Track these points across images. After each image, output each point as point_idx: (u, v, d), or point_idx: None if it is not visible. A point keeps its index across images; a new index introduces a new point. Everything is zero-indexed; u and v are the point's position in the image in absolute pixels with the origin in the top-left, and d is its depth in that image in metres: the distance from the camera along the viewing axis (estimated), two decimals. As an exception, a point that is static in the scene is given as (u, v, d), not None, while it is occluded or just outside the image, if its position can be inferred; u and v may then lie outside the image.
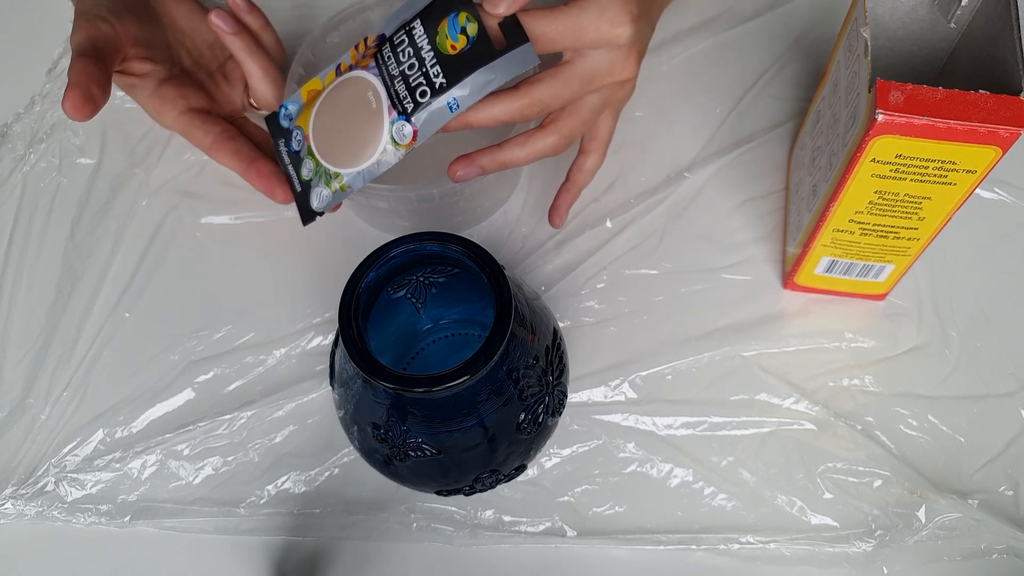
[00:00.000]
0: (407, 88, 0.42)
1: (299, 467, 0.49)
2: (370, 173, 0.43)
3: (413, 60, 0.42)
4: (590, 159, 0.49)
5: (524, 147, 0.45)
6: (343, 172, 0.44)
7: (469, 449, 0.41)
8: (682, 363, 0.51)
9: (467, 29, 0.41)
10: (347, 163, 0.44)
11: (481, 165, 0.45)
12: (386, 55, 0.43)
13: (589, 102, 0.45)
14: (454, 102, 0.41)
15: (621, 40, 0.43)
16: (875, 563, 0.45)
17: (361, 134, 0.43)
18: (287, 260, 0.55)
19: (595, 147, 0.48)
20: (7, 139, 0.60)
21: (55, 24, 0.65)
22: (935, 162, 0.39)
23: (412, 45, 0.42)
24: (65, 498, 0.49)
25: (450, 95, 0.41)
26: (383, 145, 0.42)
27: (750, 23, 0.62)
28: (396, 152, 0.42)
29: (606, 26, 0.42)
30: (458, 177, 0.45)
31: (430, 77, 0.41)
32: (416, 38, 0.42)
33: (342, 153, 0.44)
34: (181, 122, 0.50)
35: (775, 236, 0.54)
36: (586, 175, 0.50)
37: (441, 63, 0.41)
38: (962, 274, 0.53)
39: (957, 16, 0.44)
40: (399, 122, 0.42)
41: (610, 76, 0.44)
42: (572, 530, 0.47)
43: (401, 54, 0.42)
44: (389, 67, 0.42)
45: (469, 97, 0.41)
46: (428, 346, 0.51)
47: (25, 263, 0.56)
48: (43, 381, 0.52)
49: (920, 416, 0.49)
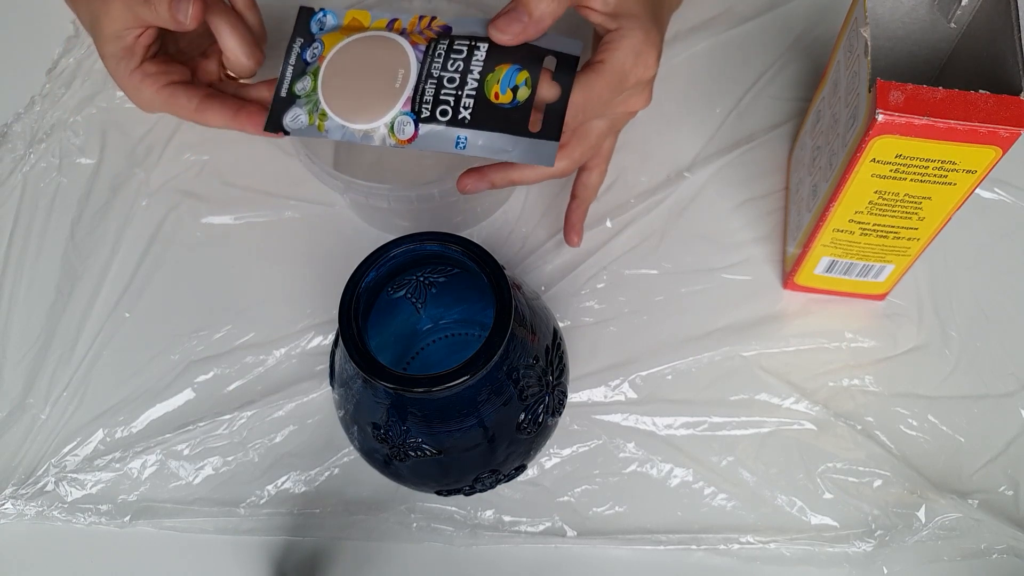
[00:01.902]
0: (434, 95, 0.41)
1: (299, 467, 0.49)
2: (352, 136, 0.42)
3: (456, 77, 0.41)
4: (593, 175, 0.50)
5: (534, 168, 0.46)
6: (332, 117, 0.42)
7: (469, 449, 0.41)
8: (682, 363, 0.51)
9: (519, 91, 0.40)
10: (340, 113, 0.42)
11: (491, 181, 0.46)
12: (438, 51, 0.41)
13: (597, 128, 0.46)
14: (463, 142, 0.40)
15: (647, 79, 0.44)
16: (875, 563, 0.45)
17: (368, 98, 0.42)
18: (287, 260, 0.55)
19: (597, 163, 0.50)
20: (7, 139, 0.60)
21: (55, 24, 0.65)
22: (935, 162, 0.39)
23: (465, 63, 0.41)
24: (65, 498, 0.49)
25: (465, 133, 0.40)
26: (380, 124, 0.41)
27: (750, 23, 0.62)
28: (386, 139, 0.41)
29: (641, 69, 0.43)
30: (467, 189, 0.46)
31: (460, 104, 0.40)
32: (473, 60, 0.41)
33: (342, 101, 0.42)
34: (163, 95, 0.49)
35: (775, 236, 0.54)
36: (591, 191, 0.51)
37: (477, 101, 0.40)
38: (962, 274, 0.53)
39: (957, 16, 0.44)
40: (407, 117, 0.41)
41: (624, 108, 0.46)
42: (572, 530, 0.47)
43: (451, 62, 0.41)
44: (433, 64, 0.41)
45: (478, 148, 0.40)
46: (428, 346, 0.51)
47: (25, 263, 0.56)
48: (43, 381, 0.52)
49: (920, 416, 0.49)
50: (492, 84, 0.40)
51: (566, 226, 0.51)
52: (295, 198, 0.57)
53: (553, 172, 0.46)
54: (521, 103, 0.40)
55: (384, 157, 0.57)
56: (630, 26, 0.43)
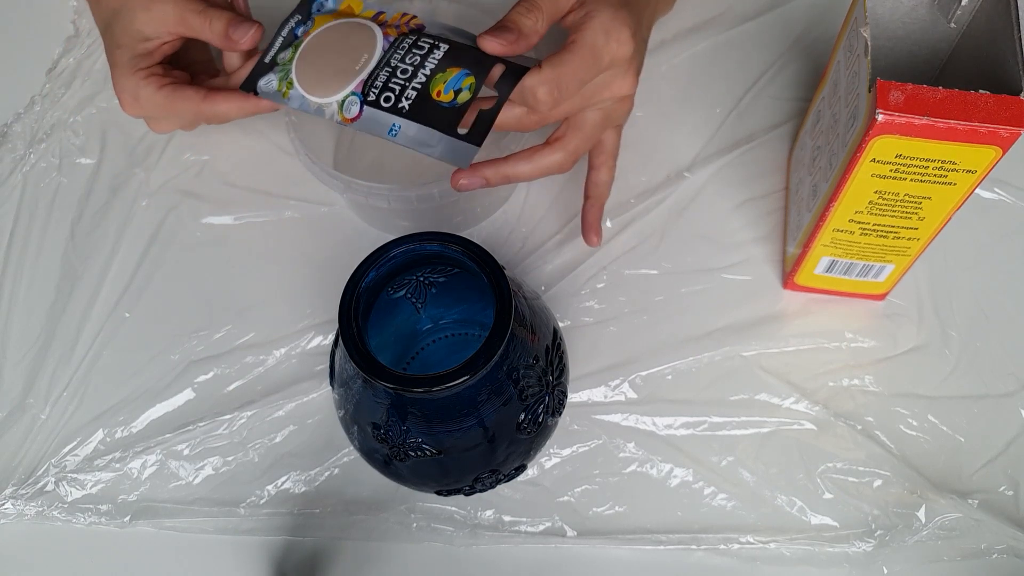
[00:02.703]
0: (384, 82, 0.43)
1: (299, 467, 0.49)
2: (307, 107, 0.45)
3: (409, 69, 0.43)
4: (602, 173, 0.50)
5: (530, 162, 0.46)
6: (296, 87, 0.45)
7: (469, 449, 0.41)
8: (682, 363, 0.51)
9: (460, 94, 0.42)
10: (303, 84, 0.45)
11: (485, 176, 0.46)
12: (403, 44, 0.44)
13: (590, 118, 0.46)
14: (396, 129, 0.42)
15: (624, 58, 0.44)
16: (875, 563, 0.45)
17: (330, 76, 0.44)
18: (287, 260, 0.55)
19: (603, 161, 0.49)
20: (7, 139, 0.60)
21: (55, 24, 0.65)
22: (935, 162, 0.39)
23: (422, 59, 0.43)
24: (65, 498, 0.49)
25: (399, 122, 0.42)
26: (333, 101, 0.44)
27: (750, 23, 0.62)
28: (333, 116, 0.44)
29: (614, 46, 0.43)
30: (461, 186, 0.45)
31: (403, 94, 0.43)
32: (429, 58, 0.43)
33: (308, 74, 0.45)
34: (165, 92, 0.49)
35: (775, 236, 0.54)
36: (602, 188, 0.50)
37: (420, 95, 0.42)
38: (962, 274, 0.53)
39: (957, 16, 0.44)
40: (355, 98, 0.43)
41: (609, 92, 0.45)
42: (572, 530, 0.47)
43: (410, 56, 0.43)
44: (395, 54, 0.44)
45: (408, 138, 0.42)
46: (428, 346, 0.51)
47: (25, 263, 0.56)
48: (43, 381, 0.52)
49: (920, 416, 0.49)
50: (438, 83, 0.42)
51: (584, 226, 0.51)
52: (295, 198, 0.57)
53: (551, 165, 0.46)
54: (458, 105, 0.42)
55: (384, 157, 0.57)
56: (597, 7, 0.43)
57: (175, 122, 0.52)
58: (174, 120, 0.52)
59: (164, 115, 0.51)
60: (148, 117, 0.52)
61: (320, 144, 0.56)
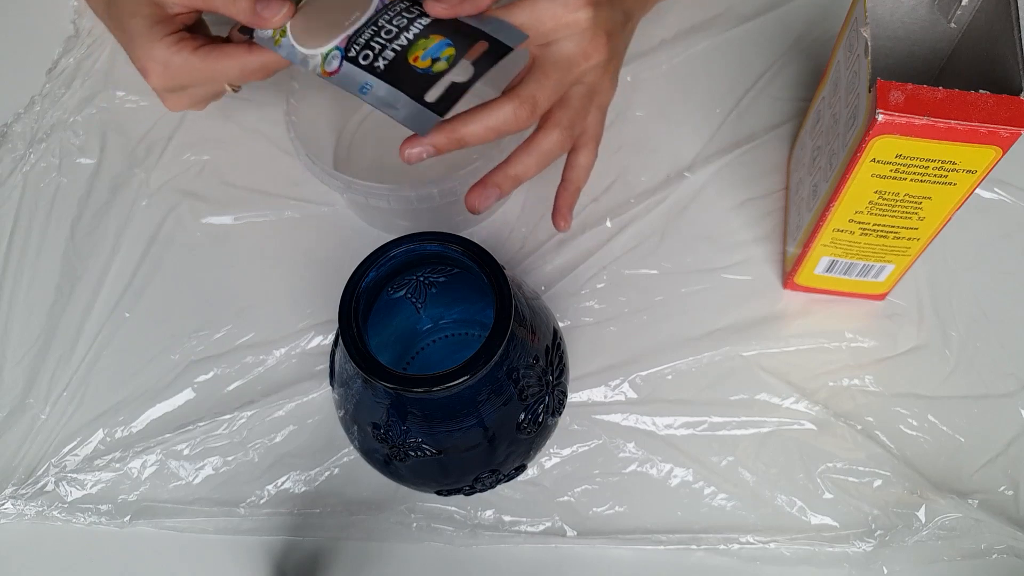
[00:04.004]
0: (367, 41, 0.43)
1: (299, 467, 0.49)
2: (294, 57, 0.44)
3: (393, 31, 0.42)
4: (581, 155, 0.48)
5: (532, 153, 0.45)
6: (288, 35, 0.45)
7: (469, 449, 0.41)
8: (682, 363, 0.51)
9: (437, 63, 0.41)
10: (294, 33, 0.45)
11: (498, 186, 0.44)
12: (396, 6, 0.43)
13: (576, 93, 0.45)
14: (367, 87, 0.42)
15: (582, 23, 0.43)
16: (875, 563, 0.45)
17: (320, 28, 0.44)
18: (287, 260, 0.55)
19: (584, 142, 0.47)
20: (7, 139, 0.60)
21: (55, 24, 0.65)
22: (935, 162, 0.39)
23: (409, 23, 0.43)
24: (65, 498, 0.49)
25: (371, 80, 0.42)
26: (318, 53, 0.43)
27: (750, 23, 0.62)
28: (315, 68, 0.43)
29: (561, 11, 0.42)
30: (476, 207, 0.44)
31: (380, 54, 0.42)
32: (416, 23, 0.42)
33: (301, 24, 0.45)
34: (201, 54, 0.46)
35: (775, 236, 0.54)
36: (580, 171, 0.48)
37: (397, 57, 0.42)
38: (962, 274, 0.53)
39: (957, 16, 0.44)
40: (337, 52, 0.43)
41: (585, 60, 0.44)
42: (572, 530, 0.47)
43: (398, 18, 0.43)
44: (384, 15, 0.43)
45: (376, 98, 0.41)
46: (428, 346, 0.51)
47: (25, 263, 0.56)
48: (43, 381, 0.52)
49: (920, 416, 0.49)
50: (418, 48, 0.42)
51: (554, 210, 0.49)
52: (295, 198, 0.57)
53: (552, 147, 0.45)
54: (432, 73, 0.41)
55: (384, 157, 0.57)
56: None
57: (201, 92, 0.50)
58: (203, 89, 0.49)
59: (200, 80, 0.48)
60: (173, 89, 0.48)
61: (320, 144, 0.56)
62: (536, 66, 0.44)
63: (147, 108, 0.60)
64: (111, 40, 0.62)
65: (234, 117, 0.60)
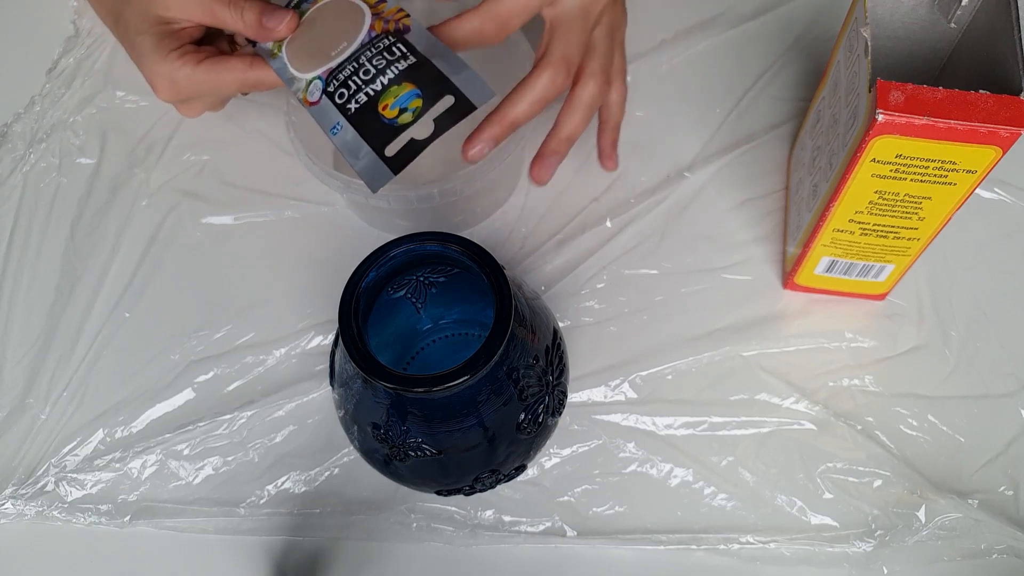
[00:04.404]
0: (346, 77, 0.43)
1: (299, 467, 0.49)
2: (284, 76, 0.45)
3: (372, 71, 0.43)
4: (613, 93, 0.49)
5: (576, 110, 0.46)
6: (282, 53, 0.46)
7: (469, 449, 0.41)
8: (682, 363, 0.51)
9: (402, 116, 0.41)
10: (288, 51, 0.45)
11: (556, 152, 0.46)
12: (378, 44, 0.43)
13: (598, 36, 0.46)
14: (338, 128, 0.42)
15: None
16: (875, 563, 0.45)
17: (310, 53, 0.45)
18: (287, 260, 0.55)
19: (613, 79, 0.49)
20: (7, 139, 0.60)
21: (55, 24, 0.65)
22: (935, 162, 0.39)
23: (387, 65, 0.43)
24: (65, 498, 0.49)
25: (342, 122, 0.42)
26: (304, 79, 0.44)
27: (750, 23, 0.62)
28: (297, 92, 0.44)
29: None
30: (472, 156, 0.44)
31: (355, 96, 0.42)
32: (393, 66, 0.42)
33: (296, 44, 0.45)
34: (204, 67, 0.47)
35: (775, 236, 0.54)
36: (615, 108, 0.50)
37: (368, 102, 0.42)
38: (962, 274, 0.53)
39: (957, 16, 0.44)
40: (319, 84, 0.43)
41: (595, 3, 0.45)
42: (572, 530, 0.47)
43: (378, 58, 0.43)
44: (367, 51, 0.43)
45: (343, 142, 0.42)
46: (428, 346, 0.51)
47: (25, 263, 0.56)
48: (43, 381, 0.52)
49: (920, 416, 0.49)
50: (389, 96, 0.42)
51: (599, 153, 0.50)
52: (295, 198, 0.57)
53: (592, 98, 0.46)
54: (397, 125, 0.41)
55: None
56: None
57: (211, 100, 0.50)
58: (210, 98, 0.50)
59: (205, 92, 0.49)
60: (184, 100, 0.49)
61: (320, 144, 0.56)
62: (554, 27, 0.44)
63: (147, 108, 0.61)
64: (111, 40, 0.62)
65: (234, 117, 0.60)
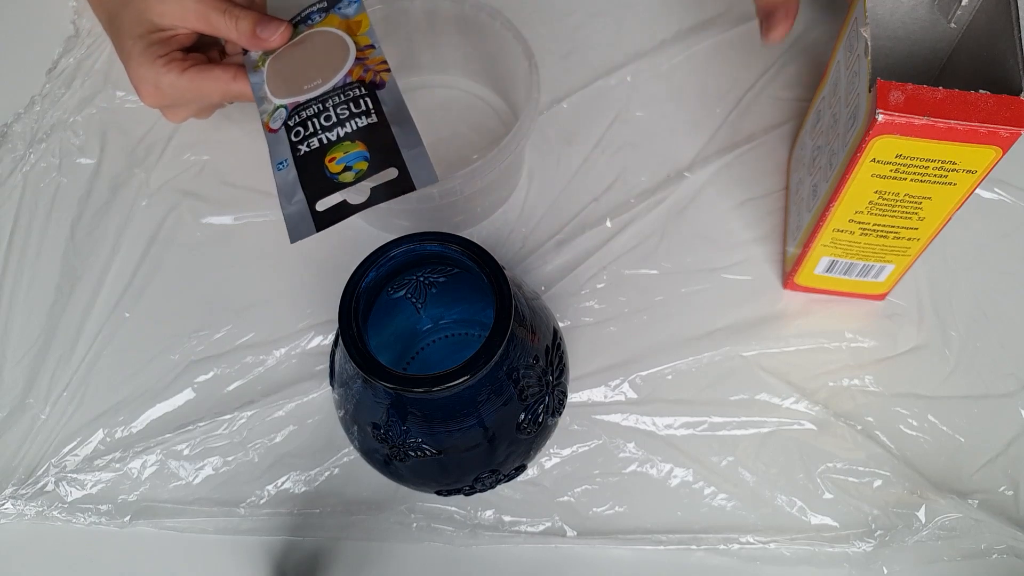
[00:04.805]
0: (307, 116, 0.44)
1: (299, 467, 0.49)
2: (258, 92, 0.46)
3: (332, 118, 0.43)
4: None
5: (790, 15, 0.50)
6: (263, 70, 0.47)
7: (469, 449, 0.41)
8: (682, 363, 0.51)
9: (344, 174, 0.41)
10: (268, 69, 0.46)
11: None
12: (349, 92, 0.44)
13: None
14: (284, 165, 0.43)
15: None
16: (875, 563, 0.45)
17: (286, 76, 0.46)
18: (287, 260, 0.55)
19: None
20: (7, 139, 0.60)
21: (55, 24, 0.65)
22: (935, 162, 0.39)
23: (348, 117, 0.43)
24: (65, 498, 0.49)
25: (288, 159, 0.43)
26: (275, 103, 0.45)
27: (750, 23, 0.62)
28: (263, 114, 0.46)
29: None
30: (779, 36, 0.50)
31: (308, 139, 0.43)
32: (354, 120, 0.43)
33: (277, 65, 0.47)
34: (189, 75, 0.48)
35: (775, 236, 0.54)
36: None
37: (319, 149, 0.43)
38: (962, 274, 0.53)
39: (957, 16, 0.44)
40: (283, 113, 0.44)
41: None
42: (572, 530, 0.47)
43: (342, 107, 0.43)
44: (336, 96, 0.44)
45: (284, 181, 0.43)
46: (428, 346, 0.51)
47: (25, 263, 0.56)
48: (43, 381, 0.52)
49: (920, 416, 0.49)
50: (339, 150, 0.42)
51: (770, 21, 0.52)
52: (295, 198, 0.57)
53: None
54: (337, 181, 0.41)
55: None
56: None
57: (195, 107, 0.51)
58: (195, 105, 0.51)
59: (189, 99, 0.49)
60: (168, 106, 0.50)
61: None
62: None
63: (147, 108, 0.60)
64: (111, 40, 0.62)
65: (234, 117, 0.60)
